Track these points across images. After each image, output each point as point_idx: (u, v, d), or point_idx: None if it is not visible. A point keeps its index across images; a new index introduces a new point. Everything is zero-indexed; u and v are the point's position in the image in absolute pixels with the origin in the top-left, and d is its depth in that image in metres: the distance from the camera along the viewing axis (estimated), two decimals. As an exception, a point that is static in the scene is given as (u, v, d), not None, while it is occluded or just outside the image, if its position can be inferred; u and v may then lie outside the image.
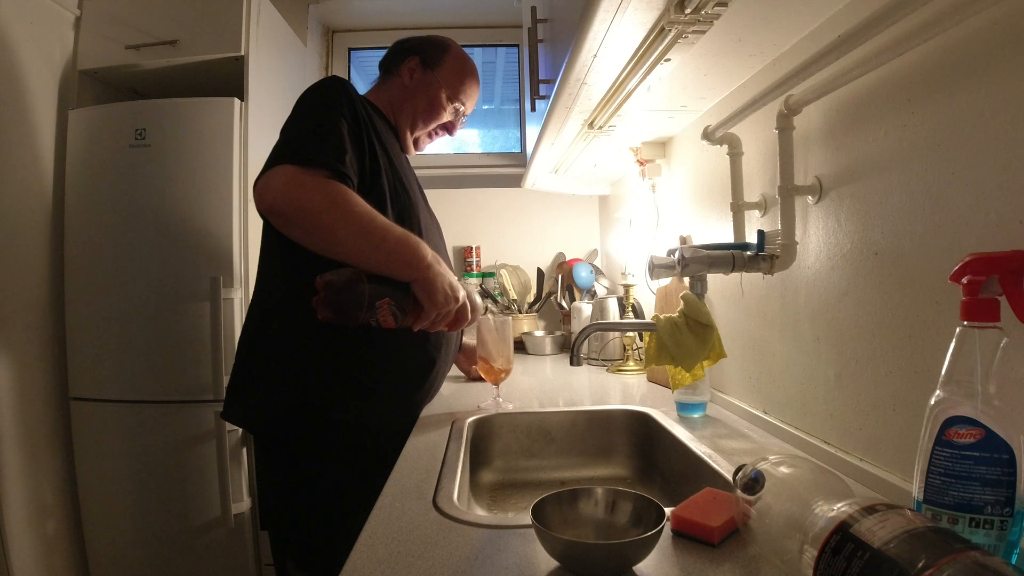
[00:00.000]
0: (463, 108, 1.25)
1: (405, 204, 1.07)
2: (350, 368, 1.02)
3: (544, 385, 1.41)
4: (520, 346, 1.95)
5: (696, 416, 1.04)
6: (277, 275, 1.05)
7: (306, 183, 0.89)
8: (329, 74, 2.45)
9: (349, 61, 2.50)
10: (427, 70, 1.20)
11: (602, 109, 1.13)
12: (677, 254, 0.92)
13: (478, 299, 1.03)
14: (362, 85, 2.50)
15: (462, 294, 0.97)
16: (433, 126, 1.23)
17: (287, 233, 0.93)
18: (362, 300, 0.85)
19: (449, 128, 1.27)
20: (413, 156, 1.29)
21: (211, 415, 1.67)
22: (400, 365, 1.06)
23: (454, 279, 0.97)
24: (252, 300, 1.10)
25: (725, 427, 0.97)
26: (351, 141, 0.98)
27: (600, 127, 1.22)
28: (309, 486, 1.01)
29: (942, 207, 0.58)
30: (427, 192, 1.60)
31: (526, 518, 0.57)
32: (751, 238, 0.94)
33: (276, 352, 1.02)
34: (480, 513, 0.87)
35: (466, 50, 1.28)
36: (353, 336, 0.99)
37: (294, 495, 1.03)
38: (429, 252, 0.94)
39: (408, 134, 1.22)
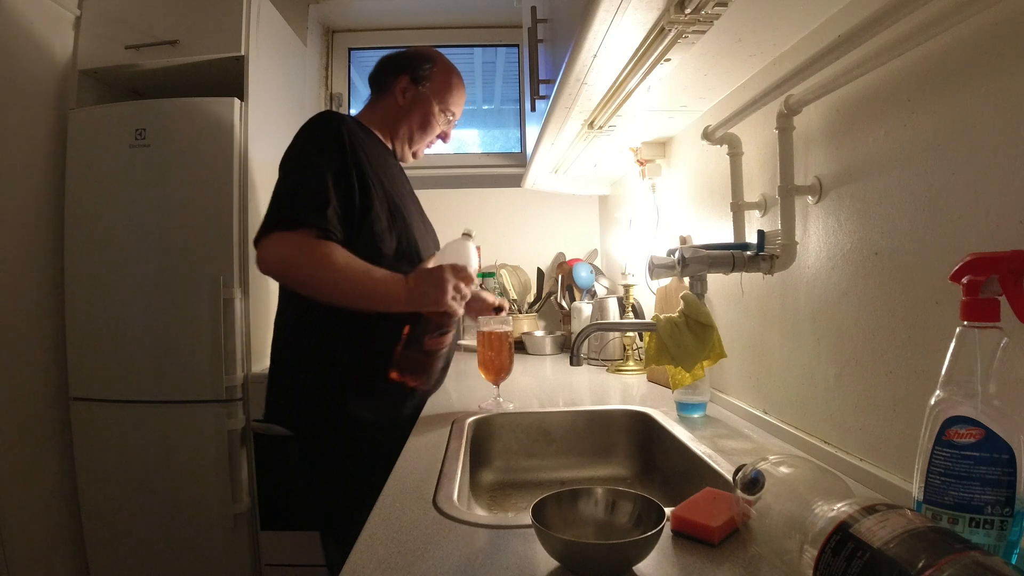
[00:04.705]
0: (453, 116, 1.31)
1: (402, 227, 1.16)
2: (368, 368, 1.12)
3: (544, 385, 1.41)
4: (520, 346, 1.95)
5: (696, 416, 1.04)
6: (298, 294, 1.14)
7: (292, 255, 1.03)
8: (329, 74, 2.45)
9: (349, 61, 2.50)
10: (418, 86, 1.25)
11: (602, 109, 1.13)
12: (677, 254, 0.92)
13: (471, 269, 1.11)
14: (362, 85, 2.51)
15: (448, 285, 1.05)
16: (429, 139, 1.30)
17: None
18: (425, 361, 1.13)
19: (443, 137, 1.33)
20: (410, 163, 1.35)
21: (211, 415, 1.67)
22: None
23: (431, 283, 1.05)
24: (277, 313, 1.22)
25: (725, 427, 0.97)
26: (336, 188, 1.06)
27: (600, 127, 1.22)
28: (351, 477, 1.10)
29: (942, 207, 0.58)
30: (427, 192, 1.61)
31: (526, 518, 0.57)
32: (751, 238, 0.94)
33: (302, 359, 1.15)
34: (480, 513, 0.87)
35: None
36: (364, 338, 1.11)
37: (339, 487, 1.12)
38: (402, 287, 1.05)
39: (407, 148, 1.29)
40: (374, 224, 1.10)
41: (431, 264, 1.12)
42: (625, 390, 1.32)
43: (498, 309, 1.32)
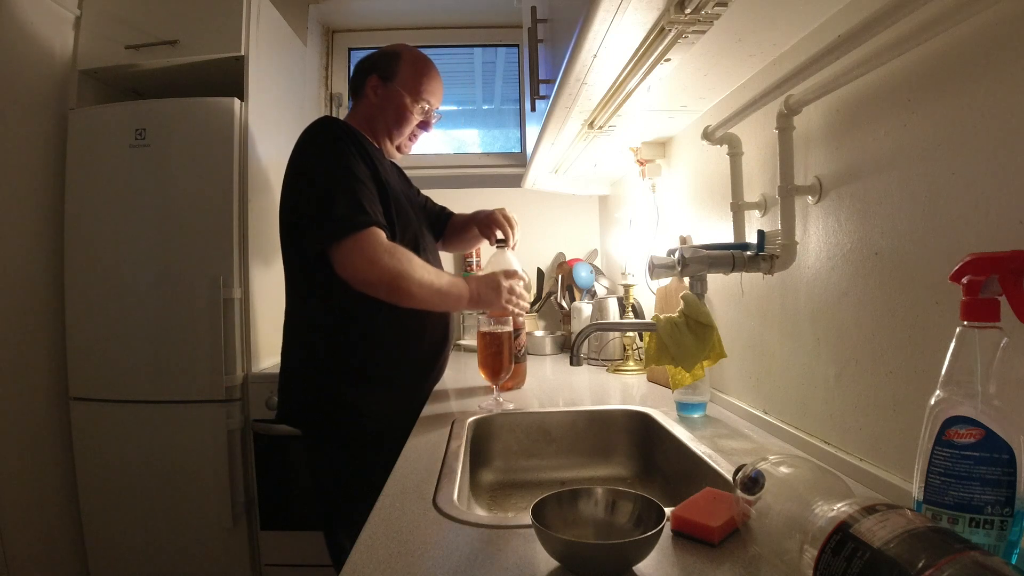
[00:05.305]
0: (429, 106, 1.33)
1: (405, 223, 1.21)
2: (373, 364, 1.19)
3: (544, 385, 1.41)
4: (520, 346, 1.95)
5: (696, 416, 1.04)
6: (306, 296, 1.21)
7: (377, 256, 1.08)
8: (329, 74, 2.45)
9: (349, 61, 2.49)
10: (387, 83, 1.29)
11: (602, 109, 1.13)
12: (677, 254, 0.92)
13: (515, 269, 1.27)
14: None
15: (503, 289, 1.20)
16: (408, 131, 1.32)
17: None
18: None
19: (424, 126, 1.36)
20: (399, 160, 1.39)
21: (211, 415, 1.67)
22: (414, 353, 1.24)
23: (489, 287, 1.19)
24: (286, 320, 1.26)
25: (725, 427, 0.97)
26: (368, 180, 1.14)
27: (600, 127, 1.22)
28: (357, 469, 1.15)
29: (942, 207, 0.58)
30: (427, 192, 1.63)
31: (526, 518, 0.57)
32: (751, 238, 0.94)
33: (312, 362, 1.20)
34: (480, 513, 0.87)
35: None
36: (373, 337, 1.18)
37: (345, 477, 1.17)
38: (465, 289, 1.18)
39: (390, 144, 1.32)
40: (390, 220, 1.16)
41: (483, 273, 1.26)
42: (625, 390, 1.32)
43: (500, 242, 1.40)
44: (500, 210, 1.43)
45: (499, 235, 1.39)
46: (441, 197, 2.31)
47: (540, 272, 2.24)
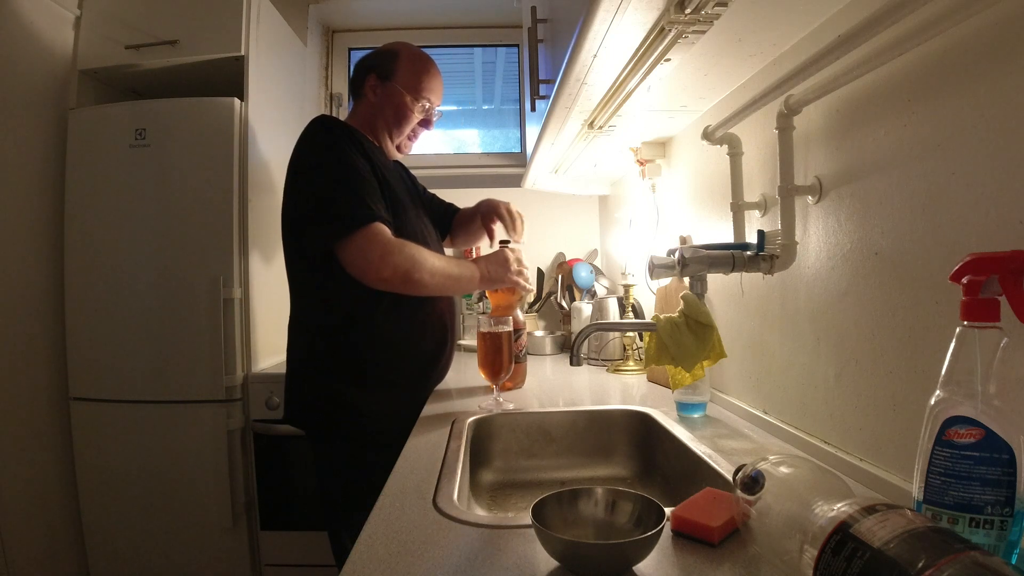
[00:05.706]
0: (429, 104, 1.32)
1: (402, 222, 1.20)
2: (373, 365, 1.19)
3: (544, 385, 1.41)
4: (520, 346, 1.95)
5: (696, 416, 1.04)
6: (307, 296, 1.21)
7: (386, 249, 1.09)
8: (329, 74, 2.45)
9: (349, 61, 2.49)
10: (386, 82, 1.28)
11: (602, 109, 1.13)
12: (677, 254, 0.92)
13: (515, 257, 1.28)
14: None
15: (511, 262, 1.23)
16: (408, 130, 1.31)
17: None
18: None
19: (425, 124, 1.35)
20: (401, 159, 1.39)
21: (211, 415, 1.67)
22: (414, 354, 1.24)
23: (497, 263, 1.22)
24: (289, 320, 1.25)
25: (725, 427, 0.97)
26: (369, 175, 1.14)
27: (600, 127, 1.22)
28: (358, 469, 1.15)
29: (942, 207, 0.58)
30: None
31: (526, 518, 0.57)
32: (751, 238, 0.94)
33: (313, 362, 1.20)
34: (480, 513, 0.87)
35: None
36: (376, 337, 1.18)
37: (347, 477, 1.18)
38: (475, 269, 1.20)
39: (390, 143, 1.31)
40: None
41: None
42: (625, 390, 1.32)
43: (503, 241, 1.37)
44: (505, 204, 1.41)
45: (503, 236, 1.38)
46: (441, 197, 2.31)
47: (540, 272, 2.24)
